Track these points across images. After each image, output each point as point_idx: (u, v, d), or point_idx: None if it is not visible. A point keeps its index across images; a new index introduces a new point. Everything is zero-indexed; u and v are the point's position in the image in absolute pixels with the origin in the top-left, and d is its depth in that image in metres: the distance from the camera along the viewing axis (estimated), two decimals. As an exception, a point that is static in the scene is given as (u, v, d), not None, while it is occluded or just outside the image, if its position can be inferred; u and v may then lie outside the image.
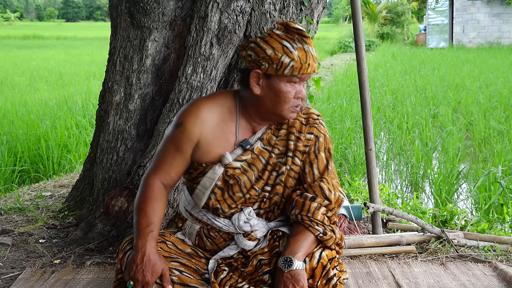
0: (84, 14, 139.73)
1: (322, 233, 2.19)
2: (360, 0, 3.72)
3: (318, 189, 2.28)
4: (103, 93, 3.64)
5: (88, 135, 7.14)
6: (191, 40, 3.27)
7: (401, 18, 36.18)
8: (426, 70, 15.60)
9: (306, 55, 2.18)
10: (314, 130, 2.35)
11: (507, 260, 3.17)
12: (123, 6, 3.37)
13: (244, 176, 2.27)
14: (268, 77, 2.20)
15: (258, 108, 2.27)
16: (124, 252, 2.16)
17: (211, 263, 2.26)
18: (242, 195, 2.27)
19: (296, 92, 2.22)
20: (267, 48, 2.18)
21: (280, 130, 2.34)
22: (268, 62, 2.17)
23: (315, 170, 2.34)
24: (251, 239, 2.27)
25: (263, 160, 2.31)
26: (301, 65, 2.17)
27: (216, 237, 2.31)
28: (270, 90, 2.20)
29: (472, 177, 5.76)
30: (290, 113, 2.25)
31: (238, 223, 2.28)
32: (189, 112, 2.27)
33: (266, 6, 3.33)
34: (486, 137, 7.53)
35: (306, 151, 2.34)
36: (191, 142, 2.24)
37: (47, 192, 4.54)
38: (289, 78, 2.19)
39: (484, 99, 10.05)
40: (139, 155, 3.43)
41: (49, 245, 3.35)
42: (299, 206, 2.24)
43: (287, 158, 2.30)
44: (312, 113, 2.39)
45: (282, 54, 2.16)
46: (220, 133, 2.27)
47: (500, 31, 27.28)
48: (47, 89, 12.68)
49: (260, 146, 2.31)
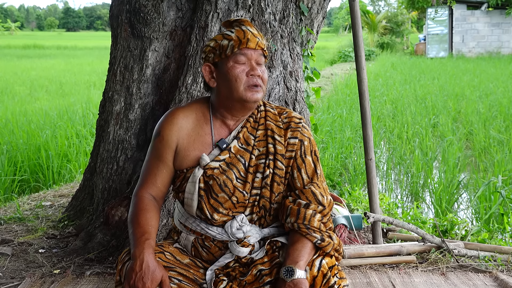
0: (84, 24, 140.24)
1: (320, 240, 2.18)
2: (360, 10, 3.73)
3: (311, 194, 2.28)
4: (103, 103, 3.65)
5: (88, 145, 7.14)
6: (191, 50, 3.28)
7: (400, 27, 36.30)
8: (426, 80, 15.63)
9: (244, 33, 2.25)
10: (298, 134, 2.36)
11: (508, 270, 3.17)
12: (123, 16, 3.38)
13: (223, 175, 2.27)
14: (216, 66, 2.28)
15: (221, 101, 2.31)
16: (123, 263, 2.16)
17: (209, 274, 2.25)
18: (227, 197, 2.26)
19: (248, 71, 2.25)
20: (211, 42, 2.30)
21: (257, 131, 2.36)
22: (212, 52, 2.28)
23: (304, 174, 2.34)
24: (244, 245, 2.27)
25: (242, 160, 2.32)
26: (239, 41, 2.24)
27: (211, 247, 2.31)
28: (221, 76, 2.28)
29: (473, 186, 5.76)
30: (248, 93, 2.25)
31: (231, 230, 2.28)
32: (165, 121, 2.33)
33: (266, 16, 3.34)
34: (486, 146, 7.53)
35: (291, 156, 2.34)
36: (170, 149, 2.29)
37: (47, 201, 4.53)
38: (234, 58, 2.24)
39: (484, 108, 10.06)
40: (139, 165, 3.43)
41: (48, 255, 3.34)
42: (294, 214, 2.23)
43: (269, 161, 2.31)
44: (293, 117, 2.40)
45: (222, 40, 2.26)
46: (196, 136, 2.31)
47: (499, 41, 27.35)
48: (47, 98, 12.69)
49: (238, 145, 2.32)
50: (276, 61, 3.44)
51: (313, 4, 3.84)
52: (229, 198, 2.27)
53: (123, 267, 2.15)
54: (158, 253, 2.22)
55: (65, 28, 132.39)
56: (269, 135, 2.35)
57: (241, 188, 2.29)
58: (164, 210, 3.27)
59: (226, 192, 2.26)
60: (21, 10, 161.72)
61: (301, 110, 3.64)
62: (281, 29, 3.47)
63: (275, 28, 3.39)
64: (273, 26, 3.39)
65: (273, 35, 3.39)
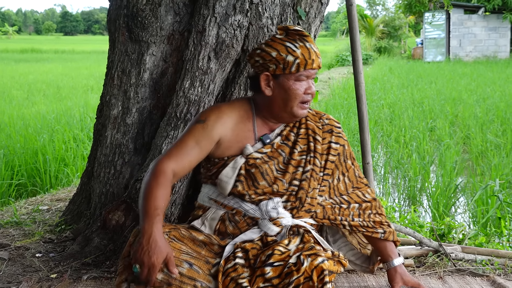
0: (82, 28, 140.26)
1: (382, 233, 2.65)
2: (357, 14, 3.74)
3: (357, 197, 2.67)
4: (101, 107, 3.64)
5: (85, 149, 7.13)
6: (189, 54, 3.28)
7: (398, 32, 36.39)
8: (423, 84, 15.65)
9: (309, 51, 2.35)
10: (340, 140, 2.61)
11: (505, 274, 3.17)
12: (121, 20, 3.38)
13: (265, 165, 2.41)
14: (276, 77, 2.38)
15: (271, 109, 2.45)
16: (135, 237, 2.23)
17: (230, 246, 2.32)
18: (267, 184, 2.40)
19: (305, 88, 2.39)
20: (272, 51, 2.36)
21: (299, 129, 2.53)
22: (274, 64, 2.36)
23: (347, 179, 2.65)
24: (276, 224, 2.38)
25: (283, 154, 2.48)
26: (305, 61, 2.34)
27: (240, 221, 2.41)
28: (280, 89, 2.38)
29: (470, 190, 5.77)
30: (300, 110, 2.42)
31: (266, 208, 2.40)
32: (212, 112, 2.45)
33: (263, 21, 3.35)
34: (483, 150, 7.55)
35: (334, 160, 2.58)
36: (210, 139, 2.39)
37: (44, 206, 4.53)
38: (296, 76, 2.36)
39: (481, 112, 10.08)
40: (137, 169, 3.42)
41: (45, 259, 3.33)
42: (355, 215, 2.61)
43: (310, 158, 2.49)
44: (333, 121, 2.64)
45: (286, 54, 2.34)
46: (240, 131, 2.45)
47: (496, 45, 27.42)
48: (45, 102, 12.69)
49: (279, 141, 2.49)
50: (274, 65, 3.44)
51: (310, 8, 3.85)
52: (270, 186, 2.41)
53: (134, 241, 2.20)
54: (173, 229, 2.28)
55: (62, 32, 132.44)
56: (310, 134, 2.53)
57: (282, 177, 2.44)
58: (161, 214, 3.26)
59: (267, 180, 2.41)
60: (19, 14, 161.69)
61: (298, 114, 3.64)
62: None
63: (272, 32, 3.40)
64: (271, 31, 3.39)
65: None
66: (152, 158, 3.31)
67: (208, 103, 3.31)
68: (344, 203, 2.64)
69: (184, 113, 3.28)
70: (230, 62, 3.34)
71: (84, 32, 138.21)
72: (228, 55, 3.28)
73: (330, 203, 2.62)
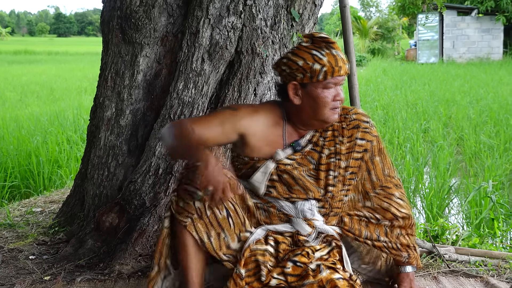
0: (75, 29, 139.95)
1: (406, 257, 2.63)
2: (351, 16, 3.75)
3: (389, 214, 2.58)
4: (94, 109, 3.64)
5: (79, 151, 7.11)
6: (183, 56, 3.28)
7: (391, 33, 36.47)
8: (416, 85, 15.68)
9: (336, 58, 2.32)
10: (367, 136, 2.55)
11: (498, 275, 3.18)
12: (114, 22, 3.38)
13: (295, 170, 2.42)
14: (304, 86, 2.35)
15: (300, 116, 2.43)
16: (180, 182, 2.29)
17: (262, 230, 2.39)
18: (302, 190, 2.41)
19: (334, 95, 2.36)
20: (298, 59, 2.33)
21: (327, 132, 2.50)
22: (301, 72, 2.33)
23: (374, 177, 2.58)
24: (309, 225, 2.42)
25: (313, 161, 2.47)
26: (332, 69, 2.31)
27: (273, 213, 2.44)
28: (308, 98, 2.36)
29: (463, 192, 5.78)
30: (331, 116, 2.39)
31: (303, 207, 2.42)
32: (246, 106, 2.51)
33: (257, 22, 3.35)
34: (477, 151, 7.57)
35: (359, 157, 2.53)
36: (235, 128, 2.36)
37: (38, 208, 4.51)
38: (324, 84, 2.33)
39: (474, 114, 10.11)
40: (130, 171, 3.42)
41: (39, 262, 3.32)
42: (382, 233, 2.57)
43: (337, 160, 2.48)
44: (361, 115, 2.57)
45: (313, 62, 2.31)
46: (270, 134, 2.43)
47: (489, 47, 27.50)
48: (38, 104, 12.65)
49: (309, 148, 2.48)
50: (267, 67, 3.45)
51: (304, 10, 3.85)
52: (305, 191, 2.42)
53: (180, 186, 2.25)
54: (234, 178, 2.30)
55: (56, 33, 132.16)
56: (336, 136, 2.50)
57: (315, 184, 2.44)
58: (155, 216, 3.26)
59: (300, 185, 2.41)
60: (12, 15, 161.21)
61: (292, 115, 3.64)
62: (272, 35, 3.48)
63: (266, 34, 3.40)
64: (264, 32, 3.39)
65: (264, 41, 3.40)
66: (146, 160, 3.30)
67: (201, 105, 3.30)
68: (373, 218, 2.60)
69: (178, 114, 3.27)
70: (223, 64, 3.34)
71: (78, 34, 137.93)
72: (221, 57, 3.28)
73: (357, 214, 2.59)
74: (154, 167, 3.29)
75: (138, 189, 3.29)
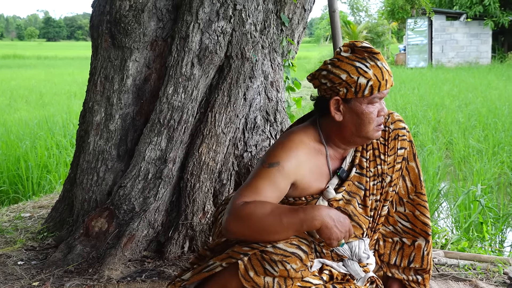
0: (65, 34, 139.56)
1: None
2: (340, 20, 3.76)
3: (422, 225, 2.44)
4: (84, 113, 3.62)
5: (68, 155, 7.08)
6: (172, 60, 3.28)
7: (381, 38, 36.59)
8: (406, 90, 15.74)
9: (381, 71, 2.12)
10: (404, 143, 2.38)
11: (487, 279, 3.19)
12: (104, 26, 3.37)
13: (349, 205, 2.25)
14: (347, 101, 2.15)
15: (341, 134, 2.22)
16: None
17: (318, 263, 2.24)
18: (357, 225, 2.27)
19: (379, 111, 2.17)
20: (341, 72, 2.12)
21: (367, 152, 2.32)
22: (345, 87, 2.12)
23: (408, 182, 2.42)
24: (365, 271, 2.29)
25: (362, 187, 2.29)
26: (379, 83, 2.11)
27: (326, 255, 2.28)
28: (352, 114, 2.16)
29: (452, 195, 5.80)
30: (375, 133, 2.20)
31: (358, 251, 2.28)
32: (285, 151, 2.19)
33: (247, 27, 3.35)
34: (466, 156, 7.60)
35: (399, 168, 2.37)
36: (287, 179, 2.16)
37: (26, 213, 4.48)
38: (369, 99, 2.13)
39: (463, 118, 10.16)
40: (120, 176, 3.41)
41: (27, 267, 3.30)
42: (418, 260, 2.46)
43: (379, 183, 2.32)
44: (399, 124, 2.38)
45: (358, 76, 2.10)
46: (315, 168, 2.23)
47: (478, 51, 27.67)
48: (27, 109, 12.59)
49: (355, 172, 2.29)
50: (257, 71, 3.45)
51: (294, 14, 3.86)
52: (360, 226, 2.27)
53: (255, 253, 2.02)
54: None
55: (45, 38, 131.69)
56: (377, 156, 2.33)
57: (364, 214, 2.29)
58: (145, 221, 3.25)
59: (355, 221, 2.25)
60: (1, 19, 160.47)
61: (282, 120, 3.65)
62: (262, 39, 3.48)
63: (256, 39, 3.41)
64: (254, 37, 3.40)
65: (254, 46, 3.40)
66: (135, 165, 3.29)
67: (191, 109, 3.30)
68: (407, 237, 2.47)
69: (167, 119, 3.27)
70: (213, 68, 3.34)
71: (67, 38, 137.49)
72: (211, 61, 3.28)
73: (391, 233, 2.49)
74: (144, 172, 3.29)
75: (128, 194, 3.28)
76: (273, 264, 1.99)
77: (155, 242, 3.37)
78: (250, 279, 2.01)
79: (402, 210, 2.47)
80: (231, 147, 3.42)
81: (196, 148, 3.33)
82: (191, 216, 3.31)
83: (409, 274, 2.49)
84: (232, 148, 3.44)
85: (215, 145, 3.33)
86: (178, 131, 3.30)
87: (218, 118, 3.33)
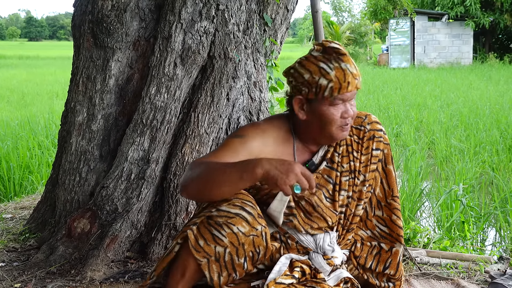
0: (47, 33, 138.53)
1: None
2: (323, 21, 3.77)
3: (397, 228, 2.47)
4: (66, 114, 3.60)
5: (50, 156, 7.03)
6: (155, 60, 3.27)
7: (364, 38, 36.81)
8: (388, 90, 15.83)
9: (344, 73, 2.10)
10: (380, 145, 2.38)
11: (469, 277, 3.22)
12: (86, 26, 3.35)
13: (314, 196, 2.25)
14: (310, 101, 2.16)
15: (307, 132, 2.24)
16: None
17: (287, 258, 2.22)
18: (322, 217, 2.26)
19: (342, 112, 2.16)
20: (304, 72, 2.14)
21: (340, 147, 2.32)
22: (307, 87, 2.13)
23: (385, 185, 2.43)
24: (329, 264, 2.28)
25: (331, 180, 2.30)
26: (339, 85, 2.10)
27: (291, 246, 2.28)
28: (313, 114, 2.17)
29: (434, 195, 5.84)
30: (340, 133, 2.20)
31: (323, 244, 2.28)
32: (252, 128, 2.23)
33: (229, 27, 3.35)
34: (448, 155, 7.66)
35: (374, 168, 2.38)
36: (249, 153, 2.16)
37: (8, 214, 4.45)
38: (330, 101, 2.12)
39: (445, 118, 10.24)
40: (102, 176, 3.39)
41: (9, 269, 3.28)
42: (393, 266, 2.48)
43: (352, 179, 2.32)
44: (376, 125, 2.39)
45: (320, 77, 2.10)
46: (281, 155, 2.23)
47: (460, 52, 27.91)
48: (9, 109, 12.48)
49: (325, 166, 2.30)
50: (240, 72, 3.45)
51: (277, 15, 3.87)
52: (325, 219, 2.26)
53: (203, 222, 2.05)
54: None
55: (27, 37, 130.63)
56: (350, 152, 2.33)
57: (332, 208, 2.28)
58: (127, 221, 3.24)
59: (319, 213, 2.25)
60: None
61: (265, 120, 3.65)
62: (245, 39, 3.48)
63: (238, 39, 3.41)
64: (237, 37, 3.40)
65: (237, 46, 3.40)
66: (118, 165, 3.28)
67: (174, 109, 3.30)
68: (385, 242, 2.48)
69: (150, 119, 3.26)
70: (196, 68, 3.34)
71: (49, 38, 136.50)
72: (194, 61, 3.28)
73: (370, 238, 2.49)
74: (126, 173, 3.27)
75: (110, 195, 3.27)
76: (219, 228, 2.01)
77: (138, 242, 3.36)
78: (201, 249, 2.03)
79: (380, 214, 2.49)
80: (214, 147, 3.42)
81: (179, 148, 3.33)
82: (174, 217, 3.31)
83: (382, 281, 2.51)
84: (215, 148, 3.44)
85: (198, 145, 3.33)
86: (161, 131, 3.29)
87: (201, 118, 3.33)
